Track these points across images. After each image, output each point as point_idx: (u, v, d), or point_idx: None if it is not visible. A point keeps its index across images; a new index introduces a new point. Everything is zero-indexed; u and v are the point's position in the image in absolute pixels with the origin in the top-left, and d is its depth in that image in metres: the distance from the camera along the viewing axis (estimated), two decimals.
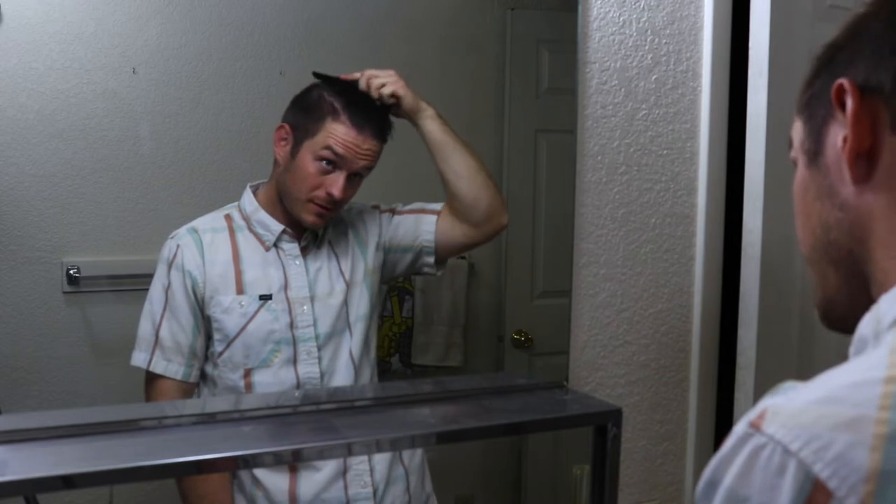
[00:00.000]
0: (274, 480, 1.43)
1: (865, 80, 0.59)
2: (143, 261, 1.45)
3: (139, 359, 1.42)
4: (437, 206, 1.53)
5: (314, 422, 1.29)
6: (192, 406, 1.39)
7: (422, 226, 1.53)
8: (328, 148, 1.40)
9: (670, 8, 1.72)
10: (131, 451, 1.12)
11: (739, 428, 0.50)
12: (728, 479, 0.48)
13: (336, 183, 1.40)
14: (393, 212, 1.56)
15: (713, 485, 0.50)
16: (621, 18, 1.67)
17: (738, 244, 1.74)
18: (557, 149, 1.75)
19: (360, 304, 1.50)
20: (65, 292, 1.46)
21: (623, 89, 1.69)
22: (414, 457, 1.56)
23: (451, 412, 1.37)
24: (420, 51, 1.70)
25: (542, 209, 1.83)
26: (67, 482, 1.04)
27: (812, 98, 0.65)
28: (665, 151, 1.74)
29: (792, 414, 0.48)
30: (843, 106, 0.60)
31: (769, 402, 0.50)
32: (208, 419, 1.28)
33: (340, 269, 1.50)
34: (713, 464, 0.50)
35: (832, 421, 0.46)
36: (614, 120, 1.69)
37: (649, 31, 1.70)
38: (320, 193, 1.41)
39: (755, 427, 0.49)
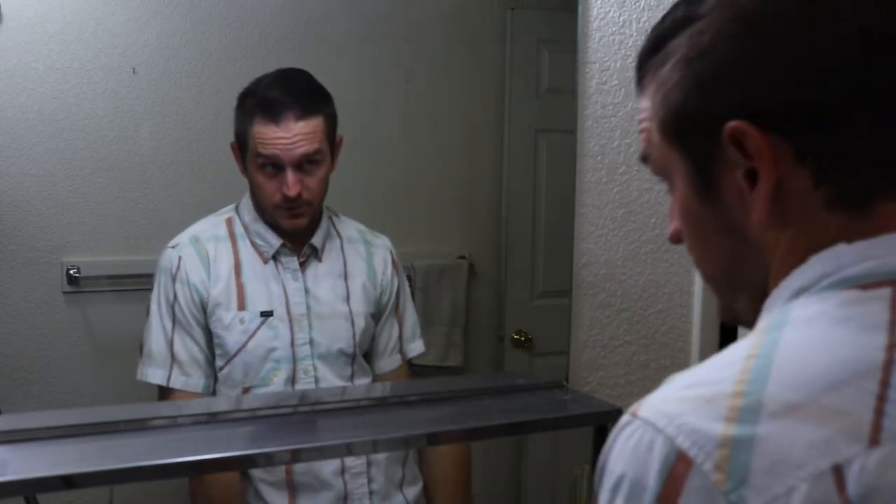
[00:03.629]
0: (273, 500, 1.41)
1: (757, 113, 0.55)
2: (143, 261, 1.45)
3: (156, 375, 1.37)
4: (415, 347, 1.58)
5: (315, 422, 1.29)
6: (192, 406, 1.39)
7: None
8: (259, 155, 1.35)
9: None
10: (131, 451, 1.12)
11: (623, 418, 0.55)
12: (611, 461, 0.54)
13: (285, 182, 1.35)
14: (399, 273, 1.54)
15: (601, 469, 0.55)
16: (621, 18, 1.67)
17: None
18: (557, 149, 1.75)
19: (365, 332, 1.48)
20: (65, 292, 1.46)
21: (623, 89, 1.69)
22: (413, 488, 1.54)
23: (452, 412, 1.37)
24: (420, 51, 1.70)
25: (542, 209, 1.83)
26: (67, 482, 1.04)
27: (683, 124, 0.60)
28: None
29: (663, 399, 0.54)
30: (737, 145, 0.56)
31: (652, 394, 0.56)
32: (209, 419, 1.28)
33: (348, 291, 1.47)
34: (603, 451, 0.55)
35: (696, 400, 0.52)
36: (614, 120, 1.69)
37: (649, 31, 1.70)
38: (277, 197, 1.37)
39: (633, 414, 0.54)
